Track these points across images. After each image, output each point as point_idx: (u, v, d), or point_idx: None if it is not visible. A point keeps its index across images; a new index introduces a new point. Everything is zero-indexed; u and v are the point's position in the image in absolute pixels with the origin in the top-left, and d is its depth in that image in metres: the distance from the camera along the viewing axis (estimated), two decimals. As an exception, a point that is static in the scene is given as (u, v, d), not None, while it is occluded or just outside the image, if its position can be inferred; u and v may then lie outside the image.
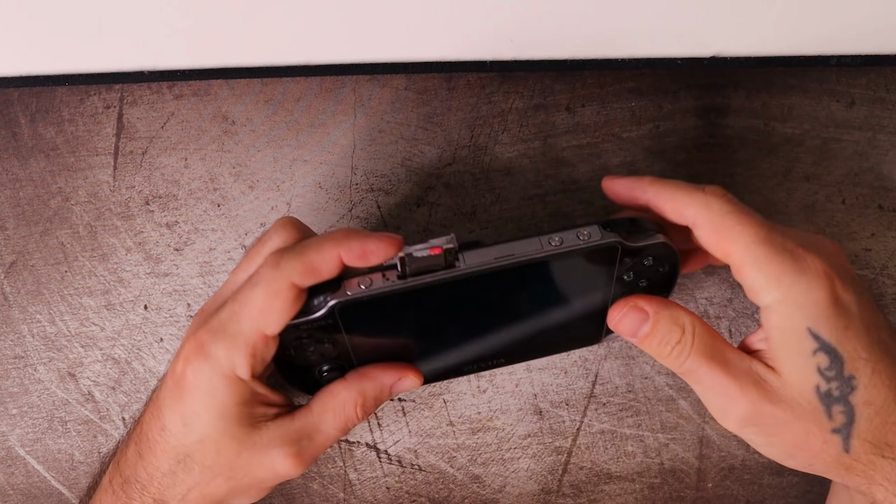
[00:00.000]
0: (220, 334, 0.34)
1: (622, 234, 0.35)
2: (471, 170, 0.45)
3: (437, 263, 0.34)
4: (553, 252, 0.34)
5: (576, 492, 0.46)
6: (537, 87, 0.45)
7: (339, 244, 0.33)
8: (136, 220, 0.45)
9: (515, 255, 0.34)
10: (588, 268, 0.36)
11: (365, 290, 0.34)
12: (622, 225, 0.35)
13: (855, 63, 0.45)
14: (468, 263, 0.34)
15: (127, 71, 0.45)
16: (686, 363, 0.35)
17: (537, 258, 0.34)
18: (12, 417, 0.46)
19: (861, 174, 0.45)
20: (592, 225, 0.35)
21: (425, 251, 0.33)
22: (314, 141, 0.45)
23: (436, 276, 0.34)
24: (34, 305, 0.45)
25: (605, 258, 0.36)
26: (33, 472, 0.46)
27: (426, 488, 0.46)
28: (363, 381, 0.38)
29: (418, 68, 0.45)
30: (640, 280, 0.37)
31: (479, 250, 0.34)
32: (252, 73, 0.45)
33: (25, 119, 0.46)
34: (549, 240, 0.35)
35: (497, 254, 0.34)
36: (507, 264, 0.34)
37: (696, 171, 0.45)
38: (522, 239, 0.35)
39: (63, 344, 0.45)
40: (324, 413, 0.37)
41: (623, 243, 0.35)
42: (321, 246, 0.33)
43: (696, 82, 0.45)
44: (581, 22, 0.41)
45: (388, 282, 0.34)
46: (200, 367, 0.34)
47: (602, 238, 0.35)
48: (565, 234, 0.35)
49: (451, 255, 0.34)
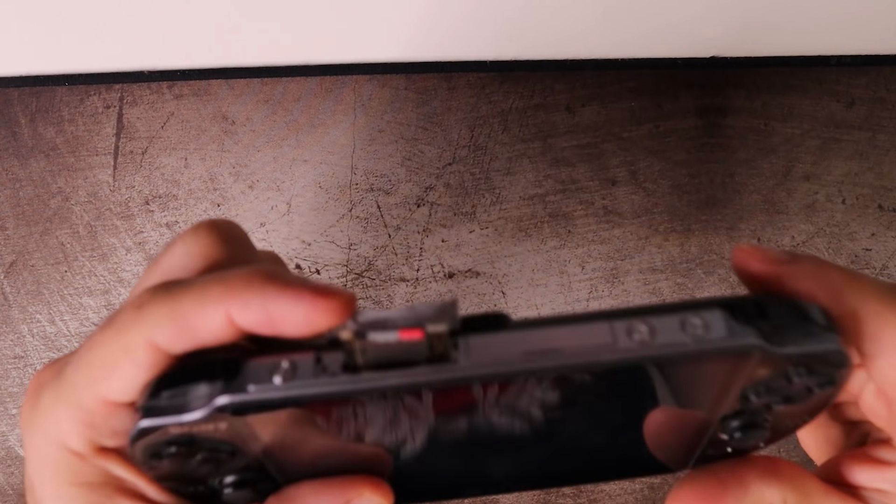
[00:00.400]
0: (54, 384, 0.23)
1: (764, 331, 0.20)
2: (471, 170, 0.45)
3: (413, 353, 0.19)
4: (636, 355, 0.19)
5: (576, 491, 0.46)
6: (537, 87, 0.45)
7: (230, 294, 0.20)
8: (136, 219, 0.45)
9: (565, 354, 0.19)
10: (691, 377, 0.22)
11: (278, 385, 0.19)
12: (762, 311, 0.21)
13: (855, 63, 0.45)
14: (475, 360, 0.19)
15: (127, 71, 0.45)
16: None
17: (604, 362, 0.19)
18: (12, 417, 0.46)
19: (861, 174, 0.45)
20: (710, 308, 0.20)
21: (393, 334, 0.19)
22: (314, 140, 0.45)
23: (410, 374, 0.19)
24: (34, 305, 0.45)
25: (727, 365, 0.21)
26: (33, 471, 0.46)
27: (426, 488, 0.46)
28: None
29: (418, 68, 0.45)
30: (773, 401, 0.23)
31: (497, 335, 0.20)
32: (252, 73, 0.45)
33: (25, 119, 0.46)
34: (628, 328, 0.20)
35: (531, 346, 0.19)
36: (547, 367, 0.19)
37: (697, 172, 0.45)
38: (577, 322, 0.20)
39: (63, 344, 0.45)
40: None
41: (769, 350, 0.20)
42: (204, 292, 0.20)
43: (696, 82, 0.45)
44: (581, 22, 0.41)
45: (323, 374, 0.19)
46: (29, 421, 0.24)
47: (730, 337, 0.20)
48: (658, 320, 0.20)
49: (440, 344, 0.19)
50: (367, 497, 0.24)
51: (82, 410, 0.22)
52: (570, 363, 0.19)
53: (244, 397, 0.19)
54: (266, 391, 0.19)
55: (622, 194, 0.45)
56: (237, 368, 0.20)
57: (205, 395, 0.20)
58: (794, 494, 0.25)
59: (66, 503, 0.23)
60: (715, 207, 0.45)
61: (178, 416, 0.20)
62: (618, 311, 0.20)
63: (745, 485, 0.25)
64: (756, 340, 0.20)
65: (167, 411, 0.20)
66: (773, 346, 0.20)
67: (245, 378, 0.19)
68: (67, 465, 0.23)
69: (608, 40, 0.43)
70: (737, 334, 0.19)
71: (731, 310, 0.20)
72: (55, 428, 0.22)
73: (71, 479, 0.23)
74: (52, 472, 0.23)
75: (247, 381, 0.19)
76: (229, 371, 0.20)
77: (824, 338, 0.20)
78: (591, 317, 0.20)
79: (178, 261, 0.23)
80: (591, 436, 0.25)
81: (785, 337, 0.20)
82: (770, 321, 0.20)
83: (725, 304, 0.20)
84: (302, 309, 0.20)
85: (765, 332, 0.20)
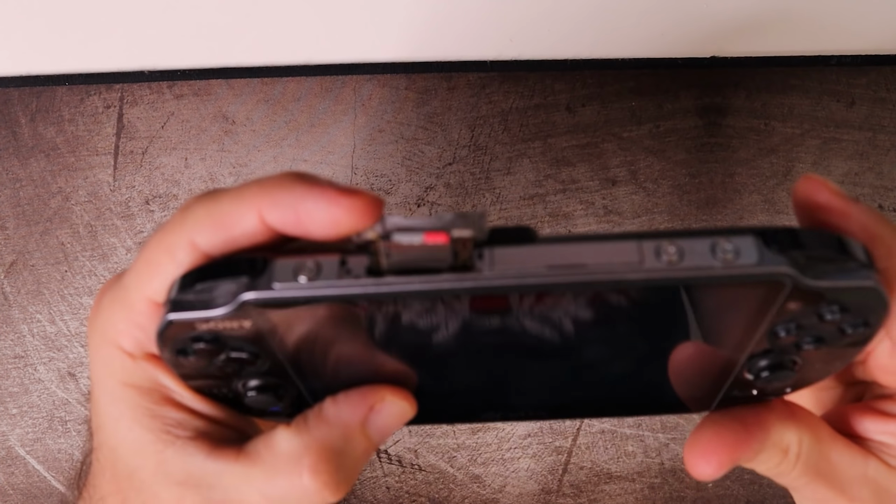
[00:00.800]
0: (114, 287, 0.24)
1: (797, 261, 0.19)
2: (471, 170, 0.45)
3: (437, 259, 0.19)
4: (662, 275, 0.19)
5: (576, 491, 0.46)
6: (537, 87, 0.45)
7: (263, 194, 0.21)
8: (137, 219, 0.45)
9: (589, 269, 0.19)
10: (720, 307, 0.21)
11: (303, 284, 0.19)
12: (797, 241, 0.19)
13: (855, 63, 0.45)
14: (499, 270, 0.19)
15: (127, 70, 0.45)
16: (785, 480, 0.27)
17: (630, 280, 0.19)
18: (12, 417, 0.46)
19: (861, 174, 0.45)
20: (745, 234, 0.19)
21: (418, 236, 0.18)
22: (314, 140, 0.45)
23: (433, 280, 0.19)
24: (34, 305, 0.45)
25: (756, 296, 0.20)
26: (33, 471, 0.46)
27: (426, 488, 0.46)
28: (315, 428, 0.24)
29: (418, 68, 0.45)
30: (804, 340, 0.22)
31: (522, 248, 0.19)
32: (252, 73, 0.45)
33: (25, 118, 0.46)
34: (656, 248, 0.19)
35: (556, 259, 0.19)
36: (570, 282, 0.19)
37: (697, 172, 0.45)
38: (606, 239, 0.19)
39: (63, 343, 0.45)
40: (251, 468, 0.24)
41: (801, 280, 0.19)
42: (240, 192, 0.21)
43: (696, 82, 0.45)
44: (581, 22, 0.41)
45: (347, 276, 0.19)
46: (91, 324, 0.25)
47: (761, 264, 0.19)
48: (690, 242, 0.19)
49: (465, 250, 0.19)
50: (390, 400, 0.24)
51: (133, 311, 0.23)
52: (593, 279, 0.19)
53: (269, 294, 0.19)
54: (290, 289, 0.19)
55: (622, 194, 0.45)
56: (264, 267, 0.20)
57: (231, 291, 0.20)
58: (809, 438, 0.25)
59: (116, 401, 0.24)
60: (715, 207, 0.45)
61: (204, 310, 0.20)
62: (649, 233, 0.19)
63: (768, 428, 0.24)
64: (788, 269, 0.19)
65: (194, 306, 0.20)
66: (806, 278, 0.19)
67: (271, 276, 0.20)
68: (121, 364, 0.24)
69: (608, 40, 0.43)
70: (768, 262, 0.19)
71: (765, 237, 0.19)
72: (112, 328, 0.23)
73: (123, 378, 0.24)
74: (107, 371, 0.24)
75: (272, 279, 0.19)
76: (256, 269, 0.20)
77: (861, 274, 0.19)
78: (621, 236, 0.19)
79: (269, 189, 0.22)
80: (612, 364, 0.25)
81: (819, 269, 0.19)
82: (806, 252, 0.19)
83: (760, 231, 0.19)
84: (327, 207, 0.20)
85: (798, 263, 0.19)
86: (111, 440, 0.25)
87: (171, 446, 0.24)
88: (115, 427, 0.25)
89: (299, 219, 0.20)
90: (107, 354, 0.24)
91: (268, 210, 0.20)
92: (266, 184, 0.21)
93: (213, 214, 0.21)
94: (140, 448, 0.24)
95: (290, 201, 0.20)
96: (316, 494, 0.23)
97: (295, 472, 0.23)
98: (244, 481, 0.24)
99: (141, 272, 0.22)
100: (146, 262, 0.22)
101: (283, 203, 0.20)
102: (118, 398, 0.24)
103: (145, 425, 0.24)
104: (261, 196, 0.21)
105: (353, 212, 0.20)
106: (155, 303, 0.22)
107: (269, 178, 0.21)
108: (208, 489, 0.24)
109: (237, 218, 0.21)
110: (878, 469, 0.26)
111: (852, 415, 0.26)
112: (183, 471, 0.24)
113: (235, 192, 0.21)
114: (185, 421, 0.24)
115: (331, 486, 0.23)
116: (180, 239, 0.21)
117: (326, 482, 0.23)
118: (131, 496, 0.26)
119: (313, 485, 0.23)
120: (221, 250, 0.21)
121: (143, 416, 0.24)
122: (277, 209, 0.20)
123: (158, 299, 0.22)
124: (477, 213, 0.19)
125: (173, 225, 0.22)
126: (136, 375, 0.24)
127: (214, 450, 0.24)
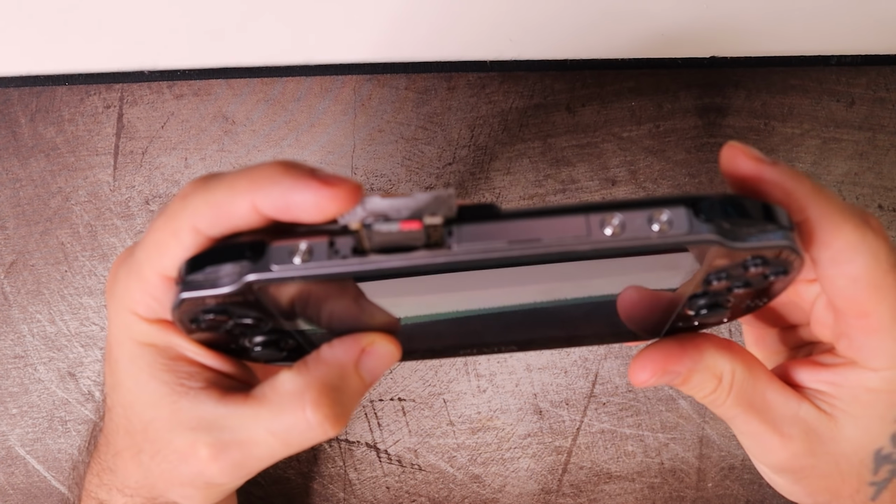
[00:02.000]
0: (128, 261, 0.27)
1: (723, 227, 0.22)
2: (471, 170, 0.45)
3: (413, 240, 0.22)
4: (606, 245, 0.22)
5: (576, 491, 0.46)
6: (537, 87, 0.45)
7: (254, 186, 0.23)
8: (137, 219, 0.45)
9: (544, 243, 0.22)
10: (658, 265, 0.25)
11: (297, 265, 0.23)
12: (723, 209, 0.23)
13: (855, 63, 0.45)
14: (465, 247, 0.22)
15: (127, 70, 0.45)
16: (720, 410, 0.29)
17: (579, 251, 0.22)
18: (12, 417, 0.46)
19: (861, 174, 0.45)
20: (676, 205, 0.22)
21: (395, 225, 0.22)
22: (313, 140, 0.45)
23: (409, 257, 0.22)
24: (34, 305, 0.45)
25: (691, 255, 0.24)
26: (33, 471, 0.46)
27: (426, 488, 0.46)
28: (315, 369, 0.27)
29: (418, 68, 0.45)
30: (734, 285, 0.26)
31: (486, 225, 0.22)
32: (252, 73, 0.45)
33: (25, 118, 0.46)
34: (601, 221, 0.22)
35: (515, 235, 0.22)
36: (528, 254, 0.22)
37: (696, 171, 0.45)
38: (558, 213, 0.22)
39: (63, 343, 0.45)
40: (258, 408, 0.27)
41: (725, 244, 0.22)
42: (233, 184, 0.24)
43: (696, 82, 0.45)
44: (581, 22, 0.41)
45: (335, 256, 0.22)
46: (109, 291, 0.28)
47: (691, 232, 0.22)
48: (629, 214, 0.22)
49: (437, 232, 0.22)
50: (379, 343, 0.28)
51: (148, 284, 0.26)
52: (547, 251, 0.22)
53: (268, 275, 0.23)
54: (287, 270, 0.23)
55: (622, 194, 0.45)
56: (262, 250, 0.23)
57: (234, 272, 0.23)
58: (742, 371, 0.28)
59: (135, 359, 0.27)
60: (715, 207, 0.45)
61: (212, 289, 0.24)
62: (596, 205, 0.22)
63: (702, 351, 0.28)
64: (713, 236, 0.22)
65: (203, 285, 0.24)
66: (729, 241, 0.22)
67: (269, 258, 0.23)
68: (138, 327, 0.27)
69: (608, 40, 0.43)
70: (697, 230, 0.22)
71: (695, 207, 0.22)
72: (129, 297, 0.26)
73: (140, 338, 0.27)
74: (126, 334, 0.27)
75: (270, 262, 0.23)
76: (255, 252, 0.23)
77: (777, 235, 0.23)
78: (572, 209, 0.22)
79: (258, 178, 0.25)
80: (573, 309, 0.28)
81: (742, 233, 0.23)
82: (730, 218, 0.22)
83: (692, 201, 0.22)
84: (313, 197, 0.23)
85: (723, 229, 0.22)
86: (127, 398, 0.28)
87: (184, 396, 0.27)
88: (132, 383, 0.27)
89: (288, 207, 0.23)
90: (125, 319, 0.27)
91: (260, 200, 0.23)
92: (256, 175, 0.24)
93: (210, 203, 0.24)
94: (156, 400, 0.27)
95: (279, 192, 0.23)
96: (318, 427, 0.26)
97: (299, 408, 0.26)
98: (252, 420, 0.26)
99: (151, 251, 0.25)
100: (155, 243, 0.25)
101: (272, 194, 0.23)
102: (136, 356, 0.27)
103: (161, 379, 0.27)
104: (252, 188, 0.23)
105: (336, 199, 0.22)
106: (166, 277, 0.26)
107: (259, 168, 0.24)
108: (219, 431, 0.27)
109: (232, 207, 0.24)
110: (810, 411, 0.29)
111: (792, 367, 0.30)
112: (195, 417, 0.27)
113: (228, 183, 0.24)
114: (196, 373, 0.27)
115: (331, 419, 0.26)
116: (183, 224, 0.24)
117: (327, 415, 0.26)
118: (146, 447, 0.28)
119: (315, 417, 0.26)
120: (221, 233, 0.24)
121: (159, 370, 0.27)
122: (268, 199, 0.23)
123: (169, 274, 0.25)
124: (447, 193, 0.22)
125: (175, 210, 0.25)
126: (151, 335, 0.27)
127: (224, 396, 0.27)
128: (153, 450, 0.28)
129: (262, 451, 0.27)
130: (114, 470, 0.30)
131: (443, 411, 0.46)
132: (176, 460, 0.28)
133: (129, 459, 0.29)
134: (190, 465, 0.27)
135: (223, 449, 0.27)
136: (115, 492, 0.31)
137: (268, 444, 0.27)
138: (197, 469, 0.28)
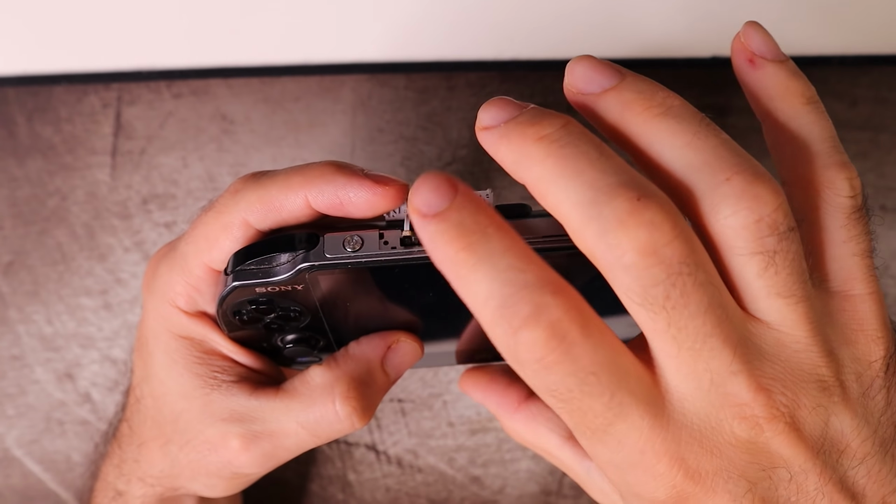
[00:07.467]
0: (170, 255, 0.28)
1: None
2: (471, 169, 0.45)
3: None
4: None
5: (576, 492, 0.46)
6: (537, 86, 0.45)
7: (308, 183, 0.25)
8: (135, 219, 0.45)
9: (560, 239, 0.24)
10: None
11: (351, 253, 0.25)
12: None
13: (857, 63, 0.45)
14: None
15: (125, 70, 0.45)
16: None
17: None
18: (9, 418, 0.45)
19: (863, 174, 0.45)
20: None
21: None
22: (313, 140, 0.45)
23: None
24: (31, 305, 0.45)
25: None
26: (30, 473, 0.46)
27: (425, 489, 0.46)
28: (344, 364, 0.29)
29: (418, 68, 0.45)
30: None
31: (522, 221, 0.25)
32: (250, 73, 0.45)
33: (22, 118, 0.45)
34: None
35: (550, 230, 0.25)
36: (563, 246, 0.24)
37: (697, 172, 0.45)
38: None
39: (60, 344, 0.45)
40: (289, 401, 0.28)
41: None
42: (287, 181, 0.26)
43: (697, 82, 0.45)
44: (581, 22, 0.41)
45: (385, 247, 0.25)
46: (148, 285, 0.29)
47: None
48: None
49: None
50: (404, 341, 0.30)
51: (192, 276, 0.27)
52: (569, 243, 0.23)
53: (324, 261, 0.25)
54: (339, 258, 0.25)
55: (623, 194, 0.45)
56: (315, 241, 0.25)
57: (290, 260, 0.25)
58: None
59: (171, 351, 0.29)
60: (716, 208, 0.45)
61: (266, 278, 0.26)
62: None
63: None
64: None
65: (255, 275, 0.26)
66: None
67: (323, 248, 0.25)
68: (177, 320, 0.28)
69: (609, 40, 0.43)
70: None
71: None
72: (170, 290, 0.28)
73: (178, 331, 0.29)
74: (163, 326, 0.29)
75: (324, 250, 0.25)
76: (310, 242, 0.25)
77: None
78: None
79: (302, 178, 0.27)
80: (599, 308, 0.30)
81: None
82: None
83: None
84: (365, 195, 0.25)
85: None
86: (159, 389, 0.29)
87: (216, 389, 0.28)
88: (166, 375, 0.29)
89: (342, 204, 0.25)
90: (164, 311, 0.28)
91: (313, 196, 0.25)
92: (310, 174, 0.25)
93: (263, 199, 0.26)
94: (188, 392, 0.29)
95: (333, 190, 0.25)
96: (346, 419, 0.28)
97: (328, 400, 0.28)
98: (283, 413, 0.28)
99: (200, 244, 0.27)
100: (204, 236, 0.27)
101: (327, 191, 0.25)
102: (172, 348, 0.29)
103: (194, 371, 0.28)
104: (307, 185, 0.25)
105: (386, 197, 0.25)
106: (213, 269, 0.27)
107: (312, 167, 0.26)
108: (251, 422, 0.28)
109: (286, 202, 0.26)
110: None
111: None
112: (227, 408, 0.28)
113: (283, 181, 0.26)
114: (229, 368, 0.29)
115: (358, 412, 0.28)
116: (235, 218, 0.26)
117: (355, 407, 0.28)
118: (175, 437, 0.30)
119: (344, 409, 0.28)
120: (270, 227, 0.26)
121: (194, 363, 0.28)
122: (322, 196, 0.25)
123: (216, 267, 0.27)
124: (484, 193, 0.25)
125: (226, 205, 0.26)
126: (189, 329, 0.28)
127: (255, 390, 0.29)
128: (182, 440, 0.29)
129: (291, 442, 0.29)
130: (137, 460, 0.31)
131: (442, 412, 0.45)
132: (206, 450, 0.29)
133: (156, 449, 0.31)
134: (220, 454, 0.29)
135: (254, 440, 0.28)
136: (136, 481, 0.31)
137: (297, 436, 0.29)
138: (227, 458, 0.29)
